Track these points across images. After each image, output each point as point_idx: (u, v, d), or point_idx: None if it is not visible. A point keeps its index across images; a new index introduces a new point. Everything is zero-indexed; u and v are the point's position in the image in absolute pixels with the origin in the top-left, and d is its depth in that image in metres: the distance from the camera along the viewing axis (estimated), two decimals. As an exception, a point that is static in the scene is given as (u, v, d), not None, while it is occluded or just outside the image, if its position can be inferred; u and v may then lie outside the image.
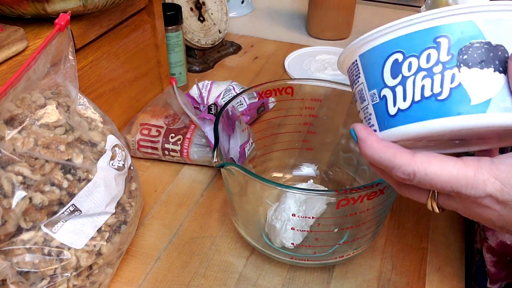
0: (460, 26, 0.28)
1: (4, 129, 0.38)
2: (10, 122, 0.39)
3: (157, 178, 0.61)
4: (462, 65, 0.28)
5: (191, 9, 0.83)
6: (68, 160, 0.40)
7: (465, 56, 0.28)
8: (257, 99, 0.63)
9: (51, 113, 0.41)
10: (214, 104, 0.62)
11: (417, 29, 0.29)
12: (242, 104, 0.62)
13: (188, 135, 0.60)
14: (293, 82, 0.54)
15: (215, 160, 0.42)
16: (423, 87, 0.29)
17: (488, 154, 0.34)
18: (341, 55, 0.34)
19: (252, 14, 1.09)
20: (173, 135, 0.60)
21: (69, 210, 0.39)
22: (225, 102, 0.51)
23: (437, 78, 0.28)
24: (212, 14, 0.86)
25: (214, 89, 0.68)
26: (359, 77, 0.33)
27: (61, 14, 0.41)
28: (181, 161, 0.62)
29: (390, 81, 0.30)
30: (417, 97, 0.29)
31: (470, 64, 0.28)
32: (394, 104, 0.30)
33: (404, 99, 0.30)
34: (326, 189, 0.55)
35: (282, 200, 0.48)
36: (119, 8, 0.59)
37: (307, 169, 0.60)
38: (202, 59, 0.86)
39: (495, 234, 0.48)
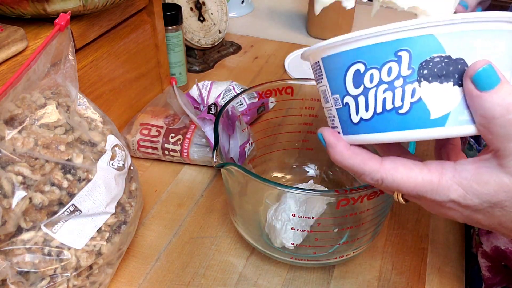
0: (421, 40, 0.28)
1: (4, 129, 0.38)
2: (10, 122, 0.39)
3: (157, 178, 0.61)
4: (422, 79, 0.28)
5: (191, 9, 0.83)
6: (68, 160, 0.40)
7: (426, 71, 0.28)
8: (257, 99, 0.63)
9: (51, 113, 0.41)
10: (214, 104, 0.62)
11: (378, 41, 0.29)
12: (242, 104, 0.62)
13: (188, 135, 0.60)
14: (293, 82, 0.54)
15: (215, 160, 0.42)
16: (384, 99, 0.29)
17: (453, 149, 0.35)
18: (305, 51, 0.34)
19: (252, 14, 1.09)
20: (173, 135, 0.60)
21: (69, 210, 0.39)
22: (225, 102, 0.51)
23: (398, 92, 0.29)
24: (212, 14, 0.86)
25: (214, 89, 0.68)
26: (322, 78, 0.33)
27: (61, 14, 0.41)
28: (181, 161, 0.62)
29: (352, 90, 0.31)
30: (379, 109, 0.30)
31: (430, 78, 0.28)
32: (357, 113, 0.31)
33: (366, 109, 0.30)
34: (326, 189, 0.55)
35: (282, 200, 0.48)
36: (119, 8, 0.59)
37: (307, 169, 0.60)
38: (202, 59, 0.86)
39: (489, 240, 0.48)
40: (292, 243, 0.46)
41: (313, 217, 0.46)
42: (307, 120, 0.56)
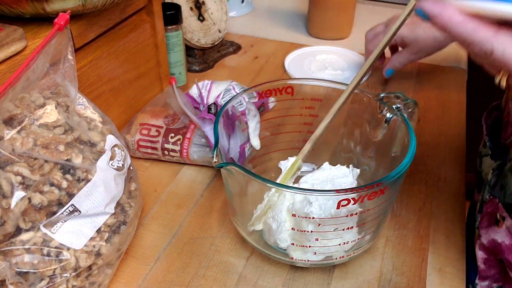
0: None
1: (3, 129, 0.38)
2: (9, 122, 0.39)
3: (156, 178, 0.60)
4: None
5: (191, 8, 0.82)
6: (67, 160, 0.40)
7: None
8: (257, 99, 0.63)
9: (50, 113, 0.41)
10: (214, 104, 0.61)
11: None
12: (242, 104, 0.62)
13: (188, 135, 0.59)
14: (293, 82, 0.53)
15: (215, 160, 0.42)
16: None
17: None
18: None
19: (252, 14, 1.09)
20: (172, 135, 0.60)
21: (68, 210, 0.39)
22: (225, 102, 0.51)
23: None
24: (212, 13, 0.86)
25: (214, 89, 0.68)
26: None
27: (60, 13, 0.41)
28: (181, 161, 0.62)
29: None
30: None
31: None
32: None
33: None
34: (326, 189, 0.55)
35: (281, 200, 0.48)
36: (118, 7, 0.58)
37: (307, 169, 0.59)
38: (202, 58, 0.86)
39: (488, 232, 0.48)
40: (293, 243, 0.46)
41: (313, 217, 0.46)
42: (307, 120, 0.56)
